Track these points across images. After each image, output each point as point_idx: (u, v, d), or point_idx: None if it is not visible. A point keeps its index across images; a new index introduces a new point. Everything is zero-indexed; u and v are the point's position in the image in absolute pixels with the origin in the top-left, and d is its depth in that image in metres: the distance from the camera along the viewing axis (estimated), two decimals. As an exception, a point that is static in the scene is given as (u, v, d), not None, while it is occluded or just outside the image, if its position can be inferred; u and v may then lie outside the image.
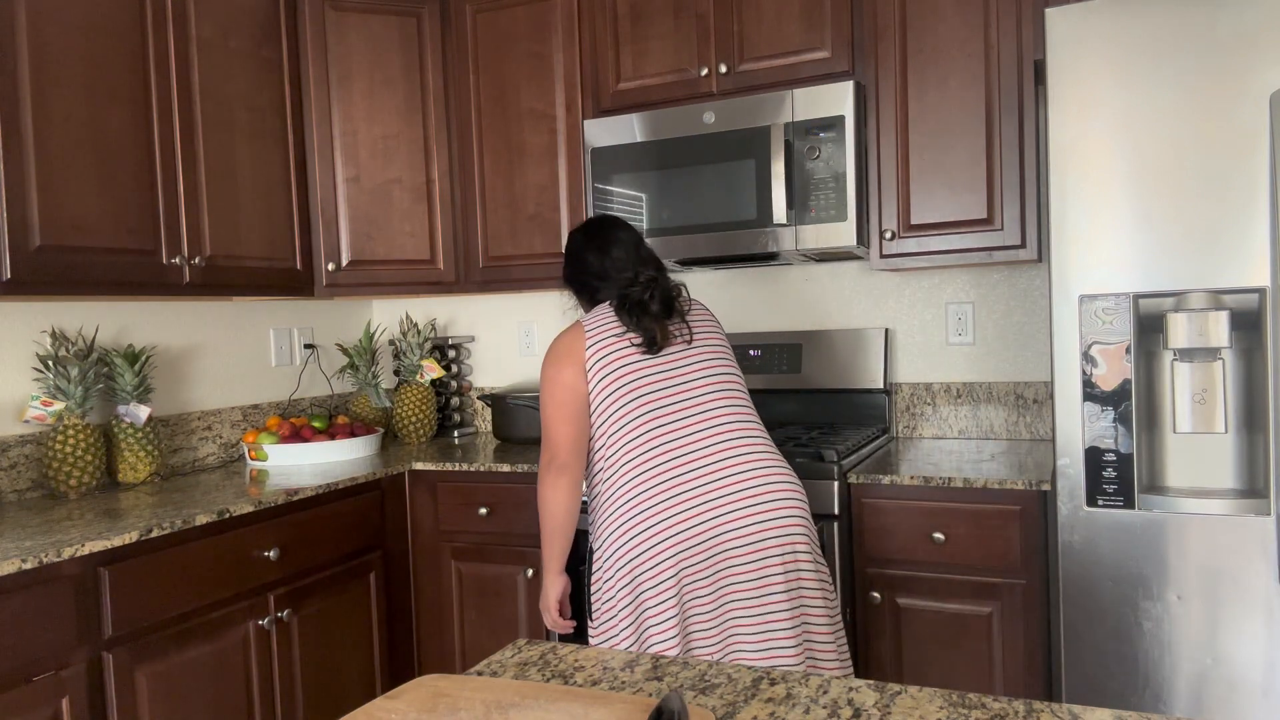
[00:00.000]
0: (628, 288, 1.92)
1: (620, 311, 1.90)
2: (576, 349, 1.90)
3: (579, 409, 1.88)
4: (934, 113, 2.39)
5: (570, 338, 1.92)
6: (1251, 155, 1.70)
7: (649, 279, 1.91)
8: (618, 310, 1.91)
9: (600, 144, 2.68)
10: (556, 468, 1.88)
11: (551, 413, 1.89)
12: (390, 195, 2.91)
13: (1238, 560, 1.75)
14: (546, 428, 1.90)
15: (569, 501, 1.89)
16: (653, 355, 1.88)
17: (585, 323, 1.93)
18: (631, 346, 1.88)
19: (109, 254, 2.19)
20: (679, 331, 1.92)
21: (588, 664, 1.14)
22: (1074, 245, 1.84)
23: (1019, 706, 0.95)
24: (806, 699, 1.00)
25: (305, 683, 2.31)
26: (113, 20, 2.21)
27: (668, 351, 1.90)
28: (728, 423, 1.86)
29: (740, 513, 1.78)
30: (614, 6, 2.74)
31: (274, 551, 2.19)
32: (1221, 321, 1.73)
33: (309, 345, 3.19)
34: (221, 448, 2.84)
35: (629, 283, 1.92)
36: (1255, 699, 1.74)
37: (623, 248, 1.98)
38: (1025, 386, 2.66)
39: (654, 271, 1.93)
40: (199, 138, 2.43)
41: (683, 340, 1.91)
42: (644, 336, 1.88)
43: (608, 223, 2.04)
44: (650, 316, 1.88)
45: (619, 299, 1.92)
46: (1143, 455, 1.82)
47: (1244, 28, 1.69)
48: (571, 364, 1.89)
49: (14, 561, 1.67)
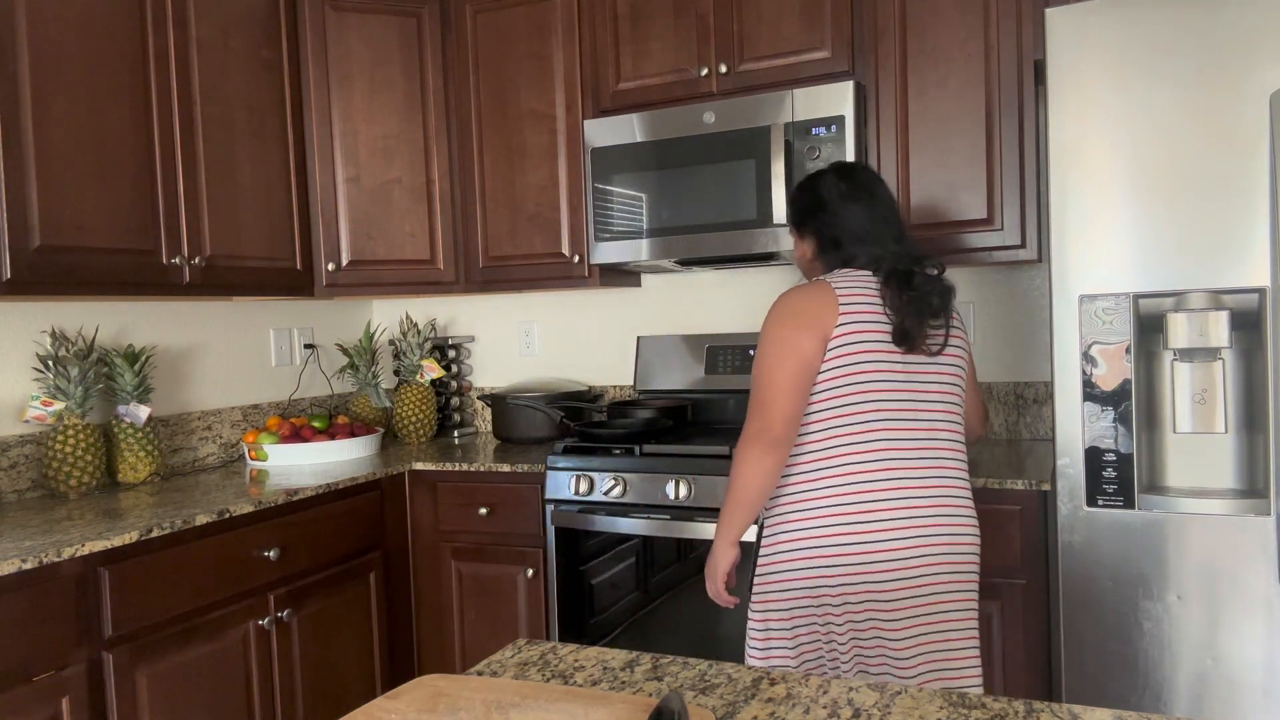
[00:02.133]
0: (902, 264, 1.67)
1: (894, 288, 1.65)
2: (826, 316, 1.64)
3: (807, 382, 1.64)
4: (934, 113, 2.39)
5: (818, 299, 1.65)
6: (1251, 155, 1.70)
7: (937, 269, 1.69)
8: (890, 285, 1.65)
9: (600, 144, 2.68)
10: (769, 441, 1.63)
11: (779, 379, 1.63)
12: (390, 195, 2.91)
13: (1238, 560, 1.75)
14: (765, 394, 1.64)
15: (771, 480, 1.66)
16: (899, 356, 1.65)
17: (839, 290, 1.65)
18: (884, 338, 1.64)
19: (109, 254, 2.19)
20: (936, 340, 1.67)
21: (588, 664, 1.14)
22: (1074, 245, 1.84)
23: (1019, 706, 0.95)
24: (807, 699, 1.00)
25: (305, 683, 2.31)
26: (113, 20, 2.21)
27: (914, 358, 1.66)
28: (946, 458, 1.67)
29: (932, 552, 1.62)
30: (614, 6, 2.74)
31: (274, 551, 2.19)
32: (1221, 321, 1.73)
33: (309, 345, 3.19)
34: (221, 448, 2.84)
35: (908, 259, 1.68)
36: (1255, 699, 1.74)
37: (889, 210, 1.74)
38: (1025, 386, 2.66)
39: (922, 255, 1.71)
40: (199, 137, 2.43)
41: (932, 350, 1.67)
42: (902, 329, 1.63)
43: (871, 177, 1.77)
44: (924, 310, 1.65)
45: (890, 274, 1.66)
46: (1143, 455, 1.82)
47: (1244, 28, 1.69)
48: (814, 331, 1.63)
49: (14, 561, 1.67)
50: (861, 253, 1.70)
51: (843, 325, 1.63)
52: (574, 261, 2.83)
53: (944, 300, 1.69)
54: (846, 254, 1.72)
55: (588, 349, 3.25)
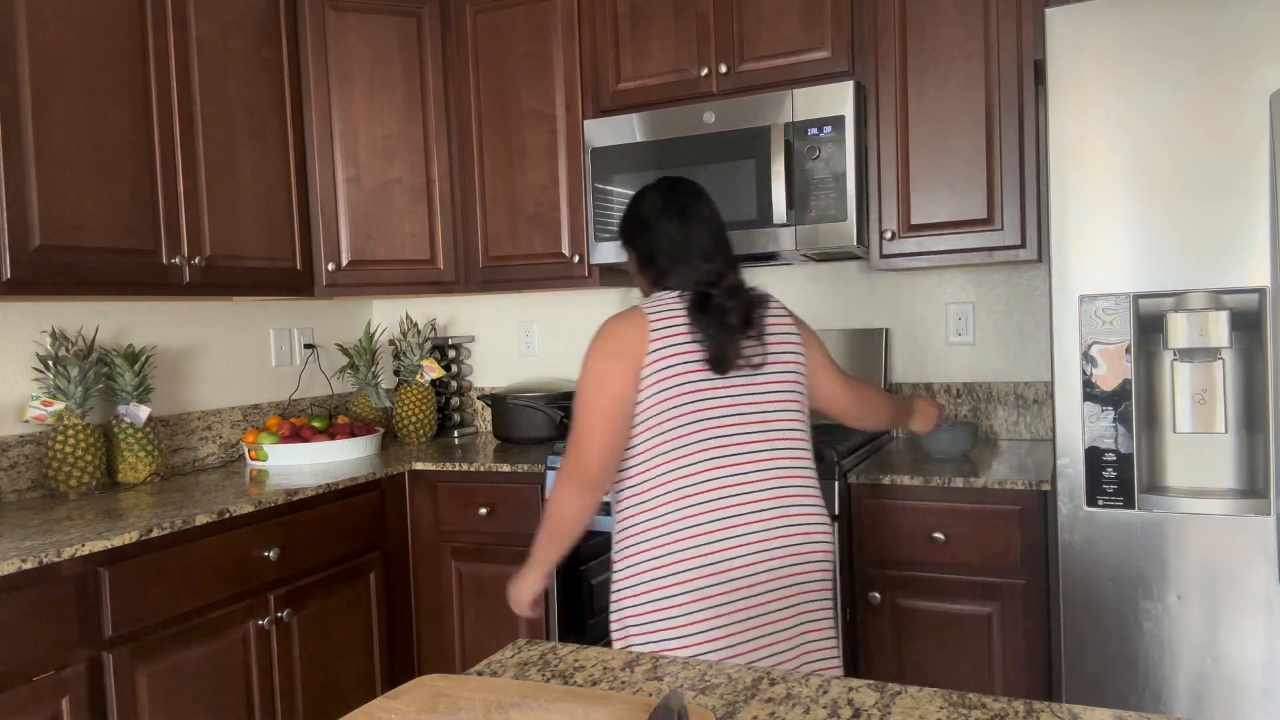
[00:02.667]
0: (708, 284, 1.65)
1: (693, 312, 1.63)
2: (636, 348, 1.62)
3: (624, 420, 1.62)
4: (934, 113, 2.39)
5: (630, 330, 1.63)
6: (1251, 155, 1.70)
7: (733, 285, 1.66)
8: (690, 310, 1.63)
9: (600, 144, 2.68)
10: (583, 482, 1.62)
11: (591, 419, 1.61)
12: (390, 195, 2.91)
13: (1238, 560, 1.75)
14: (580, 432, 1.62)
15: (585, 517, 1.65)
16: (717, 377, 1.62)
17: (650, 316, 1.64)
18: (698, 360, 1.62)
19: (109, 254, 2.19)
20: (752, 353, 1.65)
21: (588, 664, 1.14)
22: (1074, 245, 1.84)
23: (1019, 706, 0.95)
24: (807, 699, 1.00)
25: (305, 683, 2.31)
26: (113, 20, 2.21)
27: (733, 376, 1.64)
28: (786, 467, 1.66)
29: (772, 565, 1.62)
30: (614, 6, 2.74)
31: (274, 551, 2.19)
32: (1221, 321, 1.73)
33: (309, 345, 3.19)
34: (221, 448, 2.84)
35: (710, 278, 1.65)
36: (1255, 699, 1.74)
37: (707, 228, 1.70)
38: (1025, 386, 2.66)
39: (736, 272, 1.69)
40: (199, 138, 2.43)
41: (751, 365, 1.65)
42: (712, 353, 1.61)
43: (692, 190, 1.75)
44: (727, 331, 1.62)
45: (695, 296, 1.64)
46: (1143, 455, 1.82)
47: (1244, 28, 1.69)
48: (625, 365, 1.62)
49: (14, 561, 1.67)
50: (674, 271, 1.68)
51: (653, 353, 1.61)
52: (574, 261, 2.83)
53: (748, 315, 1.65)
54: (659, 270, 1.71)
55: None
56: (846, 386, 1.86)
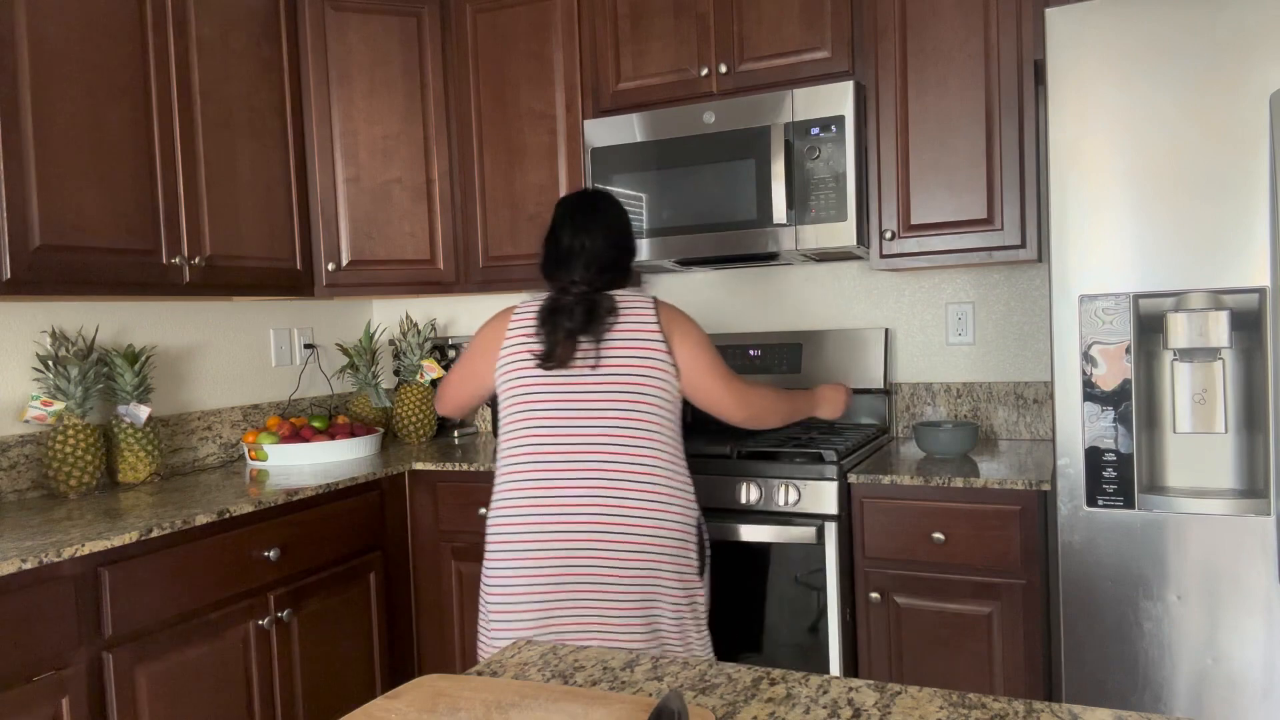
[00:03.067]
0: (562, 291, 1.87)
1: (541, 315, 1.87)
2: (495, 341, 1.93)
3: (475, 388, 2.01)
4: (934, 113, 2.39)
5: (497, 325, 1.94)
6: (1251, 155, 1.70)
7: (581, 294, 1.85)
8: (539, 313, 1.88)
9: (600, 144, 2.68)
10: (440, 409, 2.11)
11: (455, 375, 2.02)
12: (390, 195, 2.91)
13: (1238, 560, 1.75)
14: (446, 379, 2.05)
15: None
16: (549, 373, 1.85)
17: (514, 315, 1.92)
18: (533, 358, 1.87)
19: (109, 254, 2.19)
20: (587, 355, 1.84)
21: (588, 664, 1.14)
22: (1074, 245, 1.84)
23: (1019, 706, 0.95)
24: (806, 699, 1.00)
25: (305, 683, 2.31)
26: (113, 20, 2.21)
27: (568, 373, 1.84)
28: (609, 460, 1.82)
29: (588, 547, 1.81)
30: (614, 7, 2.74)
31: (274, 551, 2.19)
32: (1221, 321, 1.73)
33: (309, 345, 3.19)
34: (221, 448, 2.84)
35: (568, 286, 1.87)
36: (1255, 699, 1.74)
37: (597, 239, 1.89)
38: (1025, 386, 2.66)
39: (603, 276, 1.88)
40: (199, 137, 2.43)
41: (587, 364, 1.84)
42: (542, 351, 1.84)
43: (598, 204, 1.95)
44: (561, 333, 1.83)
45: (547, 301, 1.88)
46: (1143, 455, 1.82)
47: (1244, 28, 1.69)
48: (487, 352, 1.94)
49: (14, 561, 1.67)
50: (551, 277, 1.91)
51: (506, 348, 1.90)
52: (574, 261, 2.82)
53: (584, 320, 1.83)
54: (544, 275, 1.94)
55: (588, 349, 3.24)
56: (727, 389, 1.95)
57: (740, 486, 2.28)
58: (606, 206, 1.95)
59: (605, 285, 1.90)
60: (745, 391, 1.98)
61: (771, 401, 2.04)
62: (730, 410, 1.97)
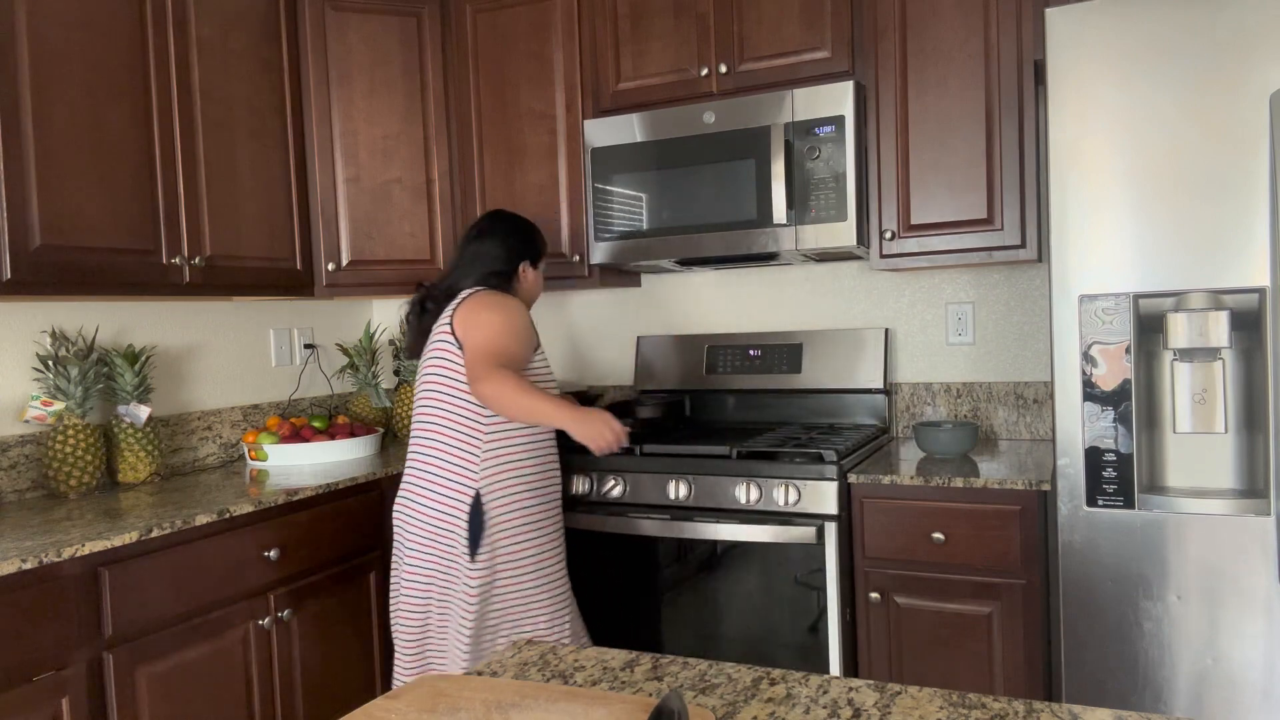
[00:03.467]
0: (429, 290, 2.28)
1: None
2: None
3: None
4: (934, 113, 2.39)
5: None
6: (1251, 155, 1.70)
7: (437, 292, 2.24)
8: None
9: (600, 144, 2.68)
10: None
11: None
12: (390, 195, 2.91)
13: (1238, 560, 1.75)
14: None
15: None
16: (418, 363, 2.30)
17: None
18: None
19: (109, 254, 2.19)
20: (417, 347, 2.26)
21: (588, 664, 1.14)
22: (1074, 245, 1.84)
23: (1019, 706, 0.95)
24: (806, 699, 1.00)
25: (305, 683, 2.31)
26: (113, 20, 2.21)
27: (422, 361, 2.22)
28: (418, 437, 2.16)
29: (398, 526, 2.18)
30: (614, 6, 2.74)
31: (274, 551, 2.19)
32: (1221, 321, 1.73)
33: (309, 345, 3.19)
34: (221, 448, 2.84)
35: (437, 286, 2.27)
36: (1255, 699, 1.74)
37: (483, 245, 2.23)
38: (1025, 386, 2.66)
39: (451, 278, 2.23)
40: (199, 138, 2.43)
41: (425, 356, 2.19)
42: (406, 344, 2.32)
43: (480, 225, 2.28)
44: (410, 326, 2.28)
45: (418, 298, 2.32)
46: (1143, 455, 1.82)
47: (1244, 28, 1.69)
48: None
49: (14, 561, 1.67)
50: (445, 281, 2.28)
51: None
52: (574, 261, 2.83)
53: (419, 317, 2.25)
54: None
55: (587, 349, 3.25)
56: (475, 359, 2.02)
57: (740, 486, 2.28)
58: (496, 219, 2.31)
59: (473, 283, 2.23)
60: (494, 370, 1.96)
61: (516, 391, 1.93)
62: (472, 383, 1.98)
